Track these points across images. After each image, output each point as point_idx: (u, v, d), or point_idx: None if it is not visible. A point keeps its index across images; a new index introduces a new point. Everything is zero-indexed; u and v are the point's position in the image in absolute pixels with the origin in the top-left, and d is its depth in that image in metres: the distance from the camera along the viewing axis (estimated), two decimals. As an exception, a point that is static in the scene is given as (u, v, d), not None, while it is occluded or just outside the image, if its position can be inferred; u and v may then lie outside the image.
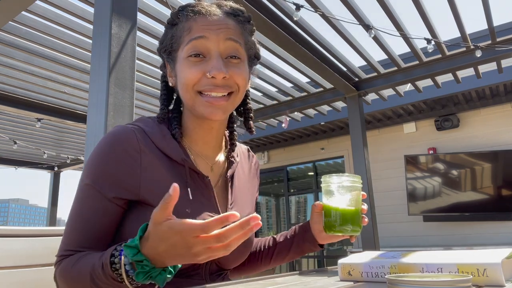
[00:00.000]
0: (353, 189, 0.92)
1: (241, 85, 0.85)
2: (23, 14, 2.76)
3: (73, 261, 0.76)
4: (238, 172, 1.00)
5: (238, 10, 0.89)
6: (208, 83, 0.82)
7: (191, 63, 0.83)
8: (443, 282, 0.51)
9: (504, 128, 5.38)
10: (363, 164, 3.93)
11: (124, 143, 0.80)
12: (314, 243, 1.02)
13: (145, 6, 2.76)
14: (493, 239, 5.22)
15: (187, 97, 0.85)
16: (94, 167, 0.81)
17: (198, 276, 0.86)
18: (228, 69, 0.82)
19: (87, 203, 0.80)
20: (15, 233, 0.99)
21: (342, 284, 0.74)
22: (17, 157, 7.16)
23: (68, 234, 0.81)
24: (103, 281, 0.70)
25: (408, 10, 5.72)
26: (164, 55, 0.90)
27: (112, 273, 0.67)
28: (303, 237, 1.04)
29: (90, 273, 0.71)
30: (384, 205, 5.94)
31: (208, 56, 0.83)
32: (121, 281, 0.67)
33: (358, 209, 0.92)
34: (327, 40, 3.37)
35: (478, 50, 3.38)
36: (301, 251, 1.05)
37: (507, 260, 0.66)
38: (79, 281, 0.74)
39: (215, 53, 0.82)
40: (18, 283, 0.96)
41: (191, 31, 0.84)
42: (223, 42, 0.83)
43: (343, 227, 0.91)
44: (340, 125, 6.26)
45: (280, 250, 1.07)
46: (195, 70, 0.82)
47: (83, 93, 4.21)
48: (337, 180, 0.93)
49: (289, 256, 1.07)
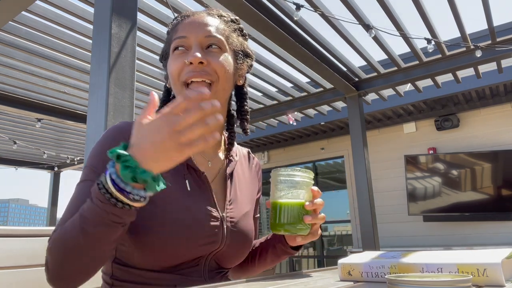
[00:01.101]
0: (296, 184, 0.86)
1: (220, 72, 0.87)
2: (23, 14, 2.76)
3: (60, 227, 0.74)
4: (237, 171, 1.01)
5: (224, 14, 0.96)
6: (188, 70, 0.85)
7: (175, 56, 0.89)
8: (443, 282, 0.51)
9: (504, 128, 5.38)
10: (363, 164, 3.93)
11: (125, 133, 0.81)
12: (285, 244, 1.00)
13: (145, 6, 2.76)
14: (493, 239, 5.22)
15: (176, 90, 0.89)
16: (94, 152, 0.83)
17: (197, 274, 0.86)
18: (206, 57, 0.86)
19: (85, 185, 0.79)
20: (15, 233, 0.99)
21: (342, 284, 0.74)
22: (17, 157, 7.16)
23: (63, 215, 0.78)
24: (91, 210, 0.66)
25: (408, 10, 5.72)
26: (163, 61, 0.96)
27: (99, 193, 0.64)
28: (275, 238, 1.03)
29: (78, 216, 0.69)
30: (384, 205, 5.95)
31: (190, 49, 0.88)
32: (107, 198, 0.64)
33: (299, 205, 0.85)
34: (327, 40, 3.37)
35: (478, 50, 3.38)
36: (277, 253, 1.02)
37: (507, 260, 0.66)
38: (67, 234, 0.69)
39: (194, 44, 0.88)
40: (18, 283, 0.96)
41: (176, 32, 0.91)
42: (202, 38, 0.88)
43: (285, 226, 0.85)
44: (340, 125, 6.26)
45: (262, 251, 1.07)
46: (178, 61, 0.87)
47: (83, 93, 4.21)
48: (279, 175, 0.87)
49: (270, 259, 1.05)
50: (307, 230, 0.87)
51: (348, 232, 6.57)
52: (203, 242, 0.84)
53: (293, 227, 0.85)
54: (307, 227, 0.87)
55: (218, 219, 0.88)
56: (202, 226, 0.84)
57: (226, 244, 0.88)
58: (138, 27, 2.86)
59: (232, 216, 0.92)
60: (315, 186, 0.90)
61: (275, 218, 0.86)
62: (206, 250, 0.85)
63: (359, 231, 5.90)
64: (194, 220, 0.83)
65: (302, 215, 0.85)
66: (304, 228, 0.86)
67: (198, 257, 0.85)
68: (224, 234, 0.88)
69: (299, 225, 0.85)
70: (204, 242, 0.84)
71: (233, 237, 0.90)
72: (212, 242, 0.85)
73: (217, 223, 0.87)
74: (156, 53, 3.37)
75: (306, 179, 0.88)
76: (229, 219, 0.90)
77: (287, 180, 0.87)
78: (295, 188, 0.86)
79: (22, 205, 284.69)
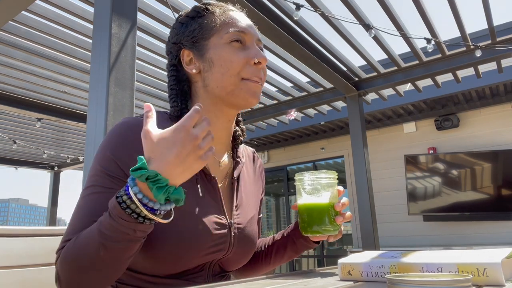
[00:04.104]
0: (324, 186, 0.88)
1: (264, 77, 0.89)
2: (23, 14, 2.76)
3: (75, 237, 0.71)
4: (243, 174, 0.99)
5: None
6: (253, 69, 0.85)
7: (235, 48, 0.86)
8: (443, 282, 0.51)
9: (504, 128, 5.38)
10: (363, 164, 3.93)
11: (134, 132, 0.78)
12: (307, 239, 1.00)
13: (145, 6, 2.76)
14: (493, 239, 5.22)
15: (228, 82, 0.84)
16: (103, 152, 0.79)
17: (201, 278, 0.85)
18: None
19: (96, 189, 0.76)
20: (15, 232, 0.99)
21: (342, 284, 0.74)
22: (17, 157, 7.17)
23: (72, 221, 0.76)
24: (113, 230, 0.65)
25: (408, 10, 5.72)
26: (187, 43, 0.89)
27: (123, 213, 0.63)
28: (296, 234, 1.02)
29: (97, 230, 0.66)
30: (384, 205, 5.95)
31: (247, 46, 0.87)
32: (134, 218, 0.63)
33: (329, 206, 0.87)
34: (327, 39, 3.37)
35: (478, 50, 3.38)
36: (297, 248, 1.03)
37: (507, 260, 0.66)
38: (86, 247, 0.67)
39: (255, 45, 0.88)
40: (18, 283, 0.96)
41: (234, 21, 0.88)
42: (257, 41, 0.90)
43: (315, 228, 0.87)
44: (340, 124, 6.26)
45: (278, 249, 1.06)
46: (241, 55, 0.85)
47: (83, 93, 4.21)
48: (306, 178, 0.90)
49: (287, 255, 1.05)
50: (337, 230, 0.90)
51: (348, 231, 6.58)
52: (210, 251, 0.83)
53: (325, 228, 0.88)
54: (338, 227, 0.90)
55: (226, 226, 0.86)
56: (210, 235, 0.82)
57: (233, 251, 0.87)
58: (138, 27, 2.86)
59: (239, 222, 0.90)
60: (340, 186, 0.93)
61: (307, 221, 0.89)
62: (212, 258, 0.85)
63: (359, 231, 5.90)
64: (202, 229, 0.81)
65: (333, 216, 0.88)
66: (335, 228, 0.89)
67: (203, 264, 0.84)
68: (231, 242, 0.87)
69: (330, 226, 0.88)
70: (210, 251, 0.83)
71: (239, 243, 0.89)
72: (219, 251, 0.85)
73: (224, 231, 0.86)
74: (156, 52, 3.37)
75: (332, 180, 0.90)
76: (236, 226, 0.89)
77: (315, 183, 0.89)
78: (323, 190, 0.89)
79: (22, 205, 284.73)
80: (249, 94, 0.85)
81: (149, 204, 0.63)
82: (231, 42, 0.85)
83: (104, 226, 0.66)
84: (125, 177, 0.76)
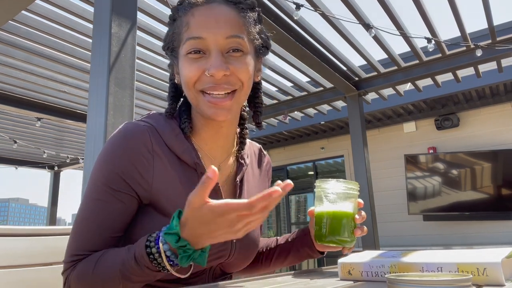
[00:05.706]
0: (347, 196, 0.85)
1: (244, 80, 0.78)
2: (23, 14, 2.76)
3: (92, 263, 0.73)
4: (248, 176, 0.95)
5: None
6: (209, 81, 0.76)
7: (191, 60, 0.77)
8: (443, 282, 0.51)
9: (504, 128, 5.38)
10: (363, 164, 3.93)
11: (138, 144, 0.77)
12: (313, 248, 0.98)
13: (145, 6, 2.76)
14: (493, 239, 5.22)
15: (190, 96, 0.80)
16: (106, 167, 0.77)
17: (202, 281, 0.85)
18: (229, 65, 0.76)
19: (102, 204, 0.76)
20: (15, 232, 0.99)
21: (342, 284, 0.74)
22: (17, 157, 7.17)
23: (79, 236, 0.77)
24: (137, 274, 0.70)
25: (408, 9, 5.72)
26: (168, 52, 0.85)
27: (150, 264, 0.67)
28: (302, 241, 1.00)
29: (119, 270, 0.70)
30: (384, 205, 5.95)
31: (208, 52, 0.77)
32: (159, 269, 0.68)
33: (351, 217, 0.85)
34: (327, 39, 3.37)
35: (478, 49, 3.38)
36: (300, 256, 1.01)
37: (507, 259, 0.65)
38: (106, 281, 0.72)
39: (215, 50, 0.76)
40: (18, 282, 0.96)
41: (189, 27, 0.78)
42: (223, 41, 0.76)
43: (332, 238, 0.85)
44: (340, 124, 6.26)
45: (280, 253, 1.04)
46: (194, 67, 0.77)
47: (83, 92, 4.20)
48: (330, 185, 0.86)
49: (288, 260, 1.03)
50: (354, 242, 0.88)
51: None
52: (211, 258, 0.82)
53: (343, 239, 0.85)
54: (354, 239, 0.87)
55: None
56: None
57: (234, 256, 0.87)
58: (138, 26, 2.86)
59: None
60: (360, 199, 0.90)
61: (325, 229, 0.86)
62: (213, 263, 0.85)
63: (359, 230, 5.90)
64: None
65: (351, 227, 0.86)
66: (352, 240, 0.86)
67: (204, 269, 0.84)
68: (233, 247, 0.86)
69: (348, 238, 0.85)
70: (211, 258, 0.82)
71: (241, 249, 0.88)
72: (220, 257, 0.84)
73: None
74: (156, 52, 3.37)
75: (355, 191, 0.87)
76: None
77: (339, 192, 0.86)
78: (345, 200, 0.86)
79: (22, 205, 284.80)
80: (206, 107, 0.78)
81: (175, 261, 0.68)
82: (187, 54, 0.77)
83: (128, 269, 0.70)
84: (130, 189, 0.77)
